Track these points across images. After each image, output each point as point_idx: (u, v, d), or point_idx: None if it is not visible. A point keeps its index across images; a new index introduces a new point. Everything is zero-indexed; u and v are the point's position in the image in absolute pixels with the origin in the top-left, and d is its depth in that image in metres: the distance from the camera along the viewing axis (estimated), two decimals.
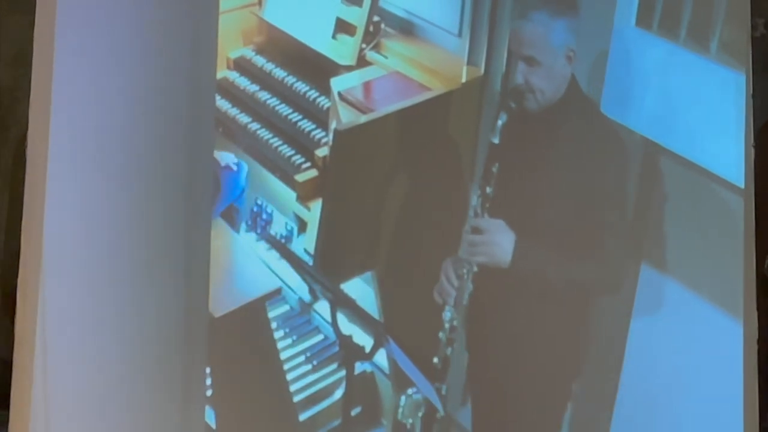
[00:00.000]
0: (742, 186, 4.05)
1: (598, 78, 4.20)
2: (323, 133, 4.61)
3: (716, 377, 4.04)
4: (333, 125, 4.51)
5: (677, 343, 4.10)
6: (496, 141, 4.11)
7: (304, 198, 4.59)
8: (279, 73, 4.81)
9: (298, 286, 4.58)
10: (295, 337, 4.59)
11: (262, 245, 4.64)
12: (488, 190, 4.14)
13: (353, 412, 4.31)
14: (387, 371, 4.49)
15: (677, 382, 4.10)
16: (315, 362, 4.54)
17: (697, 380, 4.07)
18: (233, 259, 4.51)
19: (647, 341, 4.15)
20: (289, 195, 4.62)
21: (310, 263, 4.50)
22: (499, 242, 4.12)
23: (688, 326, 4.09)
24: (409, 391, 4.26)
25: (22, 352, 3.97)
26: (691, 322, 4.09)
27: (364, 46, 4.64)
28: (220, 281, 4.33)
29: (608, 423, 4.22)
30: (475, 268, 4.16)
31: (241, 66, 4.89)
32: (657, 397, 4.13)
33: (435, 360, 4.17)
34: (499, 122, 4.10)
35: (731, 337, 4.04)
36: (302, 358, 4.55)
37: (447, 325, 4.17)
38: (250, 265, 4.55)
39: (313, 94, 4.69)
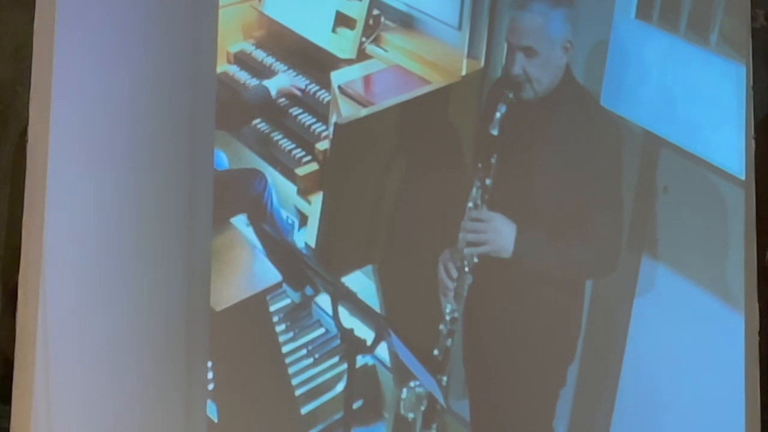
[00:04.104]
0: (743, 178, 4.05)
1: (598, 69, 4.21)
2: (323, 127, 4.61)
3: (717, 369, 4.05)
4: (333, 119, 4.51)
5: (678, 335, 4.10)
6: (495, 133, 4.11)
7: (304, 191, 4.59)
8: (279, 66, 4.81)
9: (299, 279, 4.58)
10: (296, 331, 4.60)
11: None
12: (488, 181, 4.14)
13: (355, 406, 4.31)
14: (388, 364, 4.50)
15: (678, 374, 4.11)
16: (316, 356, 4.55)
17: (698, 372, 4.08)
18: (234, 253, 4.51)
19: (648, 333, 4.15)
20: (289, 188, 4.62)
21: (311, 257, 4.51)
22: (501, 230, 4.13)
23: (689, 318, 4.09)
24: (411, 383, 4.26)
25: (23, 348, 3.97)
26: (692, 314, 4.09)
27: (364, 39, 4.64)
28: (222, 275, 4.33)
29: (610, 414, 4.23)
30: (476, 259, 4.16)
31: (241, 60, 4.89)
32: (658, 389, 4.14)
33: (435, 352, 4.17)
34: (498, 114, 4.11)
35: (733, 328, 4.04)
36: (304, 351, 4.56)
37: (447, 317, 4.18)
38: (252, 259, 4.55)
39: (313, 87, 4.69)
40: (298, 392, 4.46)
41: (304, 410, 4.45)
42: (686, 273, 4.10)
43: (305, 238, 4.57)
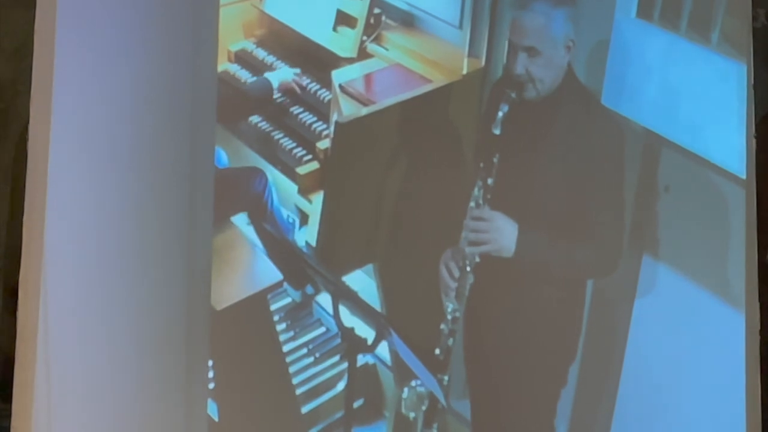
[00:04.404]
0: (744, 177, 4.05)
1: (599, 69, 4.20)
2: (324, 126, 4.61)
3: (718, 369, 4.04)
4: (334, 117, 4.51)
5: (679, 334, 4.10)
6: (497, 132, 4.11)
7: (305, 190, 4.59)
8: (280, 65, 4.80)
9: (299, 278, 4.58)
10: (297, 330, 4.59)
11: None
12: (489, 181, 4.14)
13: (355, 405, 4.31)
14: (389, 363, 4.50)
15: (679, 374, 4.11)
16: (317, 355, 4.55)
17: (698, 372, 4.08)
18: (235, 252, 4.51)
19: (649, 333, 4.15)
20: (290, 187, 4.62)
21: (312, 255, 4.51)
22: (503, 229, 4.13)
23: (689, 318, 4.09)
24: (413, 383, 4.26)
25: (24, 347, 3.97)
26: (692, 313, 4.09)
27: (365, 38, 4.64)
28: (222, 274, 4.33)
29: (611, 414, 4.23)
30: (477, 259, 4.16)
31: (242, 59, 4.89)
32: (659, 388, 4.14)
33: (437, 351, 4.17)
34: (500, 113, 4.11)
35: (733, 328, 4.04)
36: (304, 350, 4.56)
37: (449, 317, 4.18)
38: (252, 258, 4.55)
39: (314, 86, 4.69)
40: (298, 391, 4.46)
41: (304, 409, 4.45)
42: (687, 272, 4.10)
43: (306, 236, 4.57)
